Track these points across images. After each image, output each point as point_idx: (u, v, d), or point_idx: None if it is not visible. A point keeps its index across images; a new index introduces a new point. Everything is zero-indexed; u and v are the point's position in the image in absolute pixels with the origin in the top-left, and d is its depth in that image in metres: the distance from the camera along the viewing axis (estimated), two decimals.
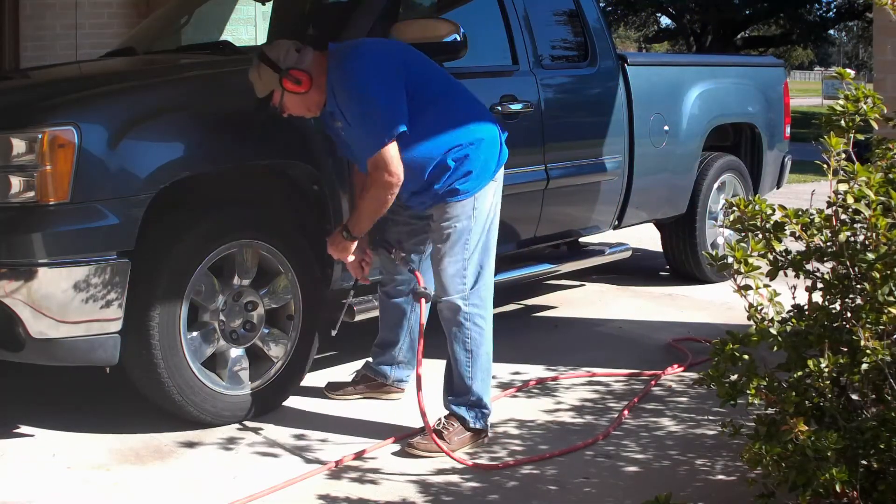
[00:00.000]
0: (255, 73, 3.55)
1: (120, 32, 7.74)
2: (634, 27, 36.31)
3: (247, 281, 3.89)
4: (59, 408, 4.03)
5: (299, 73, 3.48)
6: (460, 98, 3.69)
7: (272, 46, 3.57)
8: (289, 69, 3.48)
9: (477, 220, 3.61)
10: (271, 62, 3.50)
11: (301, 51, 3.52)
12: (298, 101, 3.54)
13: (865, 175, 2.67)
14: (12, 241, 3.41)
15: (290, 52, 3.51)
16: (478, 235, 3.62)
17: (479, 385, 3.65)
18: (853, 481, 2.44)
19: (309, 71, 3.50)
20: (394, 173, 3.43)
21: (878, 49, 4.48)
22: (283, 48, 3.52)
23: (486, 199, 3.63)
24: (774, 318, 2.67)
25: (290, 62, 3.49)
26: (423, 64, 3.64)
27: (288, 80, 3.48)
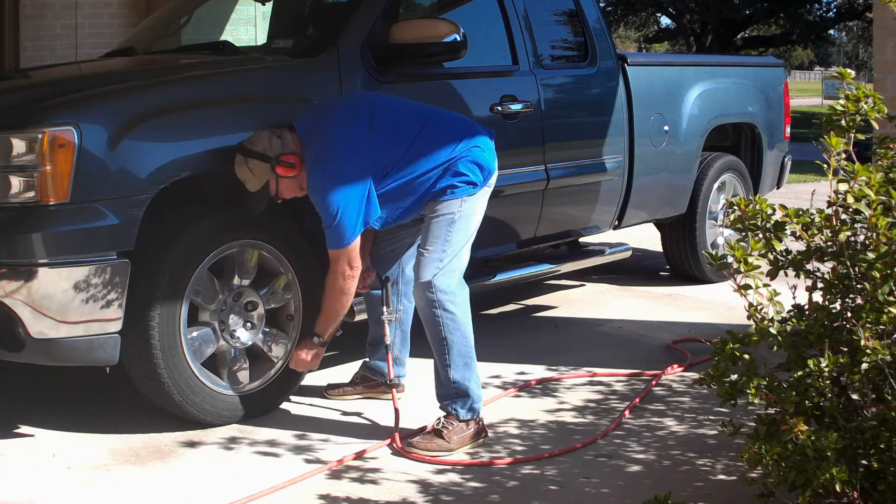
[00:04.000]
0: (244, 170, 3.61)
1: (120, 32, 7.74)
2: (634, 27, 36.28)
3: (247, 281, 3.89)
4: (59, 408, 4.03)
5: (290, 157, 3.58)
6: (439, 125, 3.74)
7: (252, 140, 3.63)
8: (278, 156, 3.56)
9: (462, 219, 3.66)
10: (259, 154, 3.57)
11: (281, 136, 3.61)
12: (293, 183, 3.63)
13: (866, 175, 2.67)
14: (12, 241, 3.41)
15: (273, 140, 3.60)
16: (459, 238, 3.66)
17: (460, 373, 3.64)
18: (853, 481, 2.45)
19: (296, 152, 3.59)
20: (353, 267, 3.60)
21: (878, 49, 4.47)
22: (264, 138, 3.61)
23: (475, 203, 3.70)
24: (774, 318, 2.67)
25: (277, 149, 3.58)
26: (393, 117, 3.70)
27: (281, 167, 3.57)
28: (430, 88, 4.47)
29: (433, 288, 3.59)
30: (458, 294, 3.66)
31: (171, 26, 5.57)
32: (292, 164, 3.57)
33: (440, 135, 3.71)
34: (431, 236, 3.65)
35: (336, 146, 3.59)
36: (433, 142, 3.68)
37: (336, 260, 3.60)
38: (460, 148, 3.68)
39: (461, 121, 3.89)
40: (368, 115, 3.67)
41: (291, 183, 3.62)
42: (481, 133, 3.79)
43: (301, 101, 4.00)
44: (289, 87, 4.13)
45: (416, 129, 3.69)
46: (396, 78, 4.31)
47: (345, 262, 3.59)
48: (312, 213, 3.66)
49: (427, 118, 3.74)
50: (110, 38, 7.38)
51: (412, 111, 3.78)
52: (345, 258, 3.59)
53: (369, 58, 4.23)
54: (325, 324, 3.76)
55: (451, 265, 3.64)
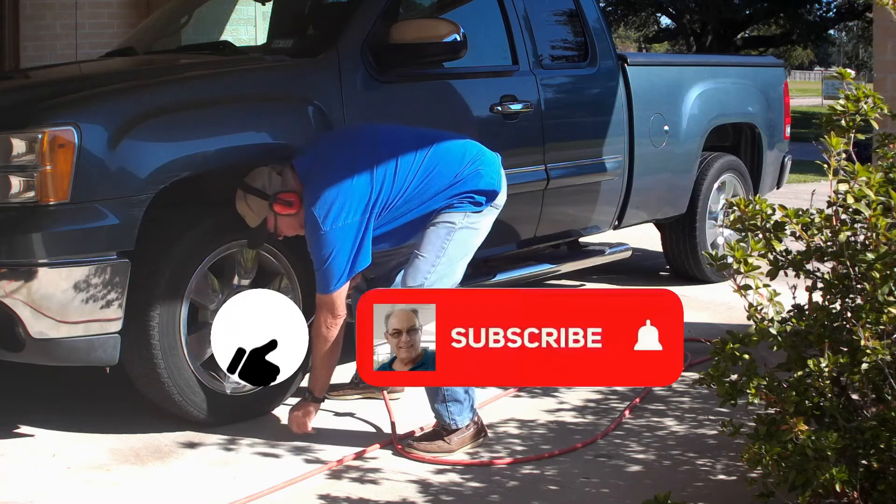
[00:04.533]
0: (243, 206, 3.60)
1: (120, 32, 7.74)
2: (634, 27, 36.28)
3: (247, 281, 3.89)
4: (59, 408, 4.03)
5: (288, 196, 3.55)
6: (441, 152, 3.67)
7: (253, 176, 3.61)
8: (276, 194, 3.54)
9: (463, 231, 3.61)
10: (258, 191, 3.56)
11: (282, 173, 3.58)
12: (292, 221, 3.60)
13: (865, 175, 2.67)
14: (12, 241, 3.41)
15: (273, 177, 3.57)
16: (455, 251, 3.61)
17: None
18: (853, 481, 2.45)
19: (295, 191, 3.55)
20: (336, 315, 3.53)
21: (878, 49, 4.48)
22: (264, 175, 3.58)
23: (480, 220, 3.66)
24: (774, 318, 2.67)
25: (276, 187, 3.56)
26: (391, 144, 3.65)
27: (279, 205, 3.55)
28: (430, 88, 4.48)
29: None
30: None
31: (171, 26, 5.57)
32: (290, 202, 3.55)
33: (442, 163, 3.65)
34: (427, 241, 3.60)
35: (334, 185, 3.52)
36: (435, 172, 3.62)
37: (319, 308, 3.55)
38: (464, 173, 3.64)
39: (463, 144, 3.78)
40: (368, 150, 3.62)
41: (290, 221, 3.60)
42: (485, 154, 3.74)
43: (301, 101, 4.00)
44: (289, 87, 4.13)
45: (419, 160, 3.62)
46: (396, 78, 4.32)
47: (327, 311, 3.53)
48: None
49: (428, 147, 3.67)
50: (110, 38, 7.38)
51: (412, 141, 3.69)
52: (327, 307, 3.52)
53: (369, 58, 4.23)
54: (315, 378, 3.67)
55: (441, 280, 3.58)
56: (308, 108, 4.01)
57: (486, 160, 3.73)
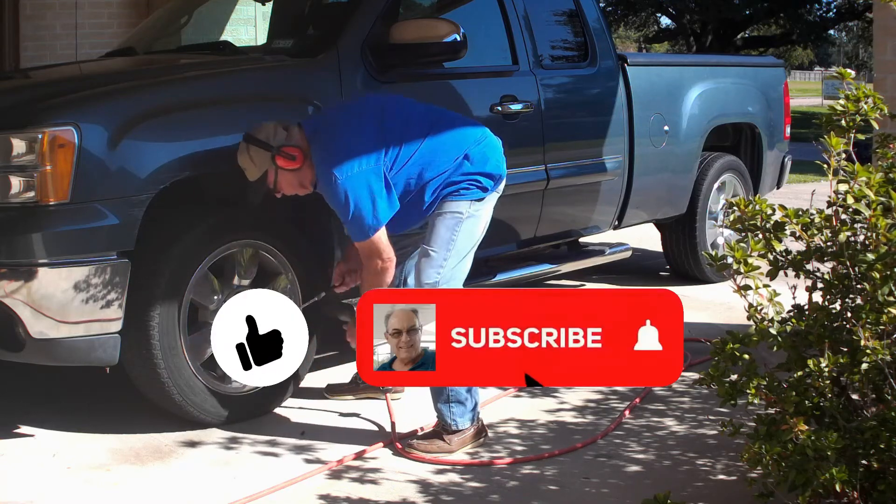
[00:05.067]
0: (245, 157, 3.56)
1: (120, 32, 7.74)
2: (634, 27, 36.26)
3: (247, 281, 3.89)
4: (59, 408, 4.03)
5: (292, 150, 3.52)
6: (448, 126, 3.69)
7: (258, 129, 3.58)
8: (280, 146, 3.51)
9: (470, 220, 3.62)
10: (261, 142, 3.52)
11: (287, 129, 3.56)
12: (292, 178, 3.57)
13: (865, 175, 2.67)
14: (12, 241, 3.41)
15: (279, 131, 3.54)
16: (464, 240, 3.62)
17: None
18: (853, 481, 2.45)
19: (300, 147, 3.53)
20: (386, 259, 3.53)
21: (878, 49, 4.48)
22: (270, 129, 3.56)
23: (483, 207, 3.66)
24: (774, 318, 2.67)
25: (280, 140, 3.52)
26: (403, 117, 3.65)
27: (281, 158, 3.51)
28: (430, 88, 4.47)
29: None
30: None
31: (171, 26, 5.57)
32: (293, 156, 3.51)
33: (450, 136, 3.67)
34: (436, 235, 3.60)
35: (345, 139, 3.54)
36: (443, 143, 3.63)
37: (367, 256, 3.53)
38: (470, 150, 3.64)
39: (470, 123, 3.84)
40: (377, 113, 3.63)
41: (291, 177, 3.57)
42: (491, 137, 3.75)
43: (301, 101, 4.00)
44: (289, 87, 4.13)
45: (426, 129, 3.63)
46: (396, 78, 4.31)
47: (375, 256, 3.51)
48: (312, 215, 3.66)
49: (436, 118, 3.71)
50: (110, 38, 7.38)
51: (421, 111, 3.73)
52: (373, 253, 3.51)
53: (369, 58, 4.23)
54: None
55: (454, 273, 3.60)
56: (308, 109, 4.01)
57: (493, 143, 3.74)
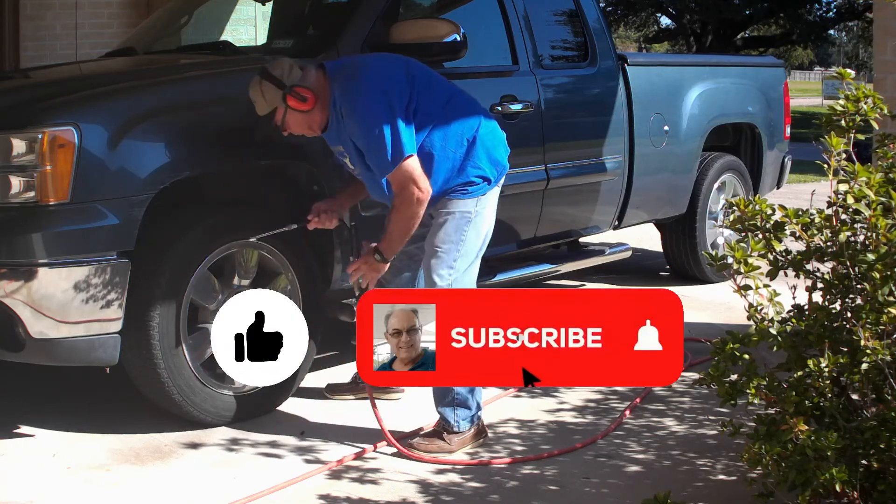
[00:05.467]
0: (257, 91, 3.51)
1: (120, 32, 7.74)
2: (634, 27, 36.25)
3: (247, 281, 3.89)
4: (59, 408, 4.03)
5: (304, 91, 3.46)
6: (465, 99, 3.68)
7: (275, 64, 3.53)
8: (293, 86, 3.45)
9: (477, 222, 3.60)
10: (275, 79, 3.47)
11: (304, 69, 3.50)
12: (301, 119, 3.52)
13: (865, 175, 2.67)
14: (12, 241, 3.41)
15: (294, 70, 3.49)
16: (474, 238, 3.61)
17: None
18: (853, 481, 2.45)
19: (313, 89, 3.48)
20: (422, 188, 3.44)
21: (878, 49, 4.48)
22: (286, 66, 3.50)
23: (487, 202, 3.64)
24: (774, 318, 2.67)
25: (295, 79, 3.47)
26: (426, 75, 3.63)
27: (292, 98, 3.46)
28: None
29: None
30: None
31: (171, 26, 5.57)
32: (304, 97, 3.45)
33: (467, 107, 3.65)
34: (445, 233, 3.57)
35: (373, 71, 3.51)
36: (462, 110, 3.61)
37: (402, 186, 3.43)
38: (482, 128, 3.61)
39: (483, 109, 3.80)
40: (403, 63, 3.61)
41: (300, 118, 3.51)
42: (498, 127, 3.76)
43: None
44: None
45: (448, 93, 3.61)
46: None
47: (410, 184, 3.41)
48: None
49: (455, 89, 3.68)
50: (110, 38, 7.38)
51: (443, 79, 3.70)
52: (409, 181, 3.41)
53: None
54: (390, 245, 3.54)
55: (465, 276, 3.59)
56: None
57: (501, 132, 3.74)
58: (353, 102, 3.47)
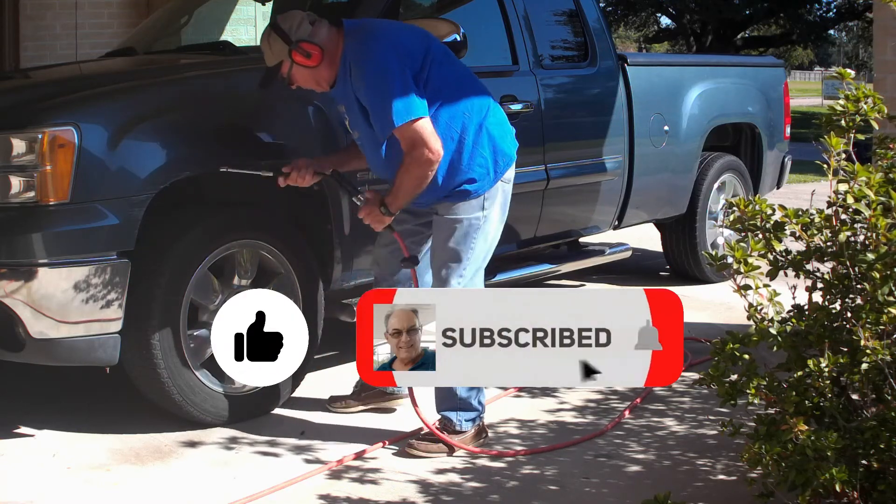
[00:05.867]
0: (265, 42, 3.48)
1: (120, 32, 7.74)
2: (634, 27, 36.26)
3: (247, 281, 3.89)
4: (59, 408, 4.03)
5: (310, 47, 3.41)
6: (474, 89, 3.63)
7: (286, 16, 3.49)
8: (299, 41, 3.41)
9: (485, 228, 3.59)
10: (283, 32, 3.43)
11: (315, 23, 3.46)
12: (308, 74, 3.48)
13: (865, 175, 2.67)
14: (12, 241, 3.41)
15: (304, 24, 3.45)
16: (482, 245, 3.59)
17: (467, 390, 3.60)
18: (853, 481, 2.45)
19: (321, 45, 3.43)
20: (433, 150, 3.37)
21: (878, 49, 4.48)
22: (296, 19, 3.46)
23: (495, 205, 3.61)
24: (774, 318, 2.67)
25: (303, 34, 3.43)
26: (443, 52, 3.58)
27: (298, 53, 3.41)
28: None
29: None
30: None
31: (171, 26, 5.57)
32: (309, 53, 3.41)
33: (478, 93, 3.60)
34: (455, 242, 3.55)
35: (389, 31, 3.49)
36: (472, 95, 3.56)
37: (412, 145, 3.36)
38: (490, 117, 3.58)
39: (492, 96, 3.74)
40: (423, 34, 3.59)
41: (306, 73, 3.47)
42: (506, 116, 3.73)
43: (301, 101, 4.00)
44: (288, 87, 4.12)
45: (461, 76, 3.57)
46: None
47: (422, 146, 3.34)
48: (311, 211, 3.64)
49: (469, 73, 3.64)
50: (110, 38, 7.38)
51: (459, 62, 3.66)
52: (420, 142, 3.34)
53: None
54: (396, 200, 3.46)
55: (474, 280, 3.58)
56: (308, 108, 4.01)
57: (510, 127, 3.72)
58: (364, 56, 3.42)
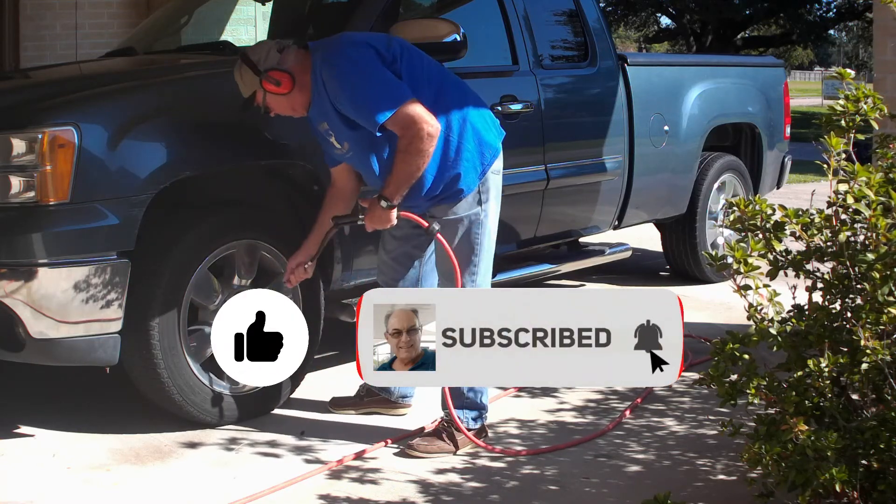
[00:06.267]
0: (237, 74, 3.54)
1: (120, 32, 7.74)
2: (634, 27, 36.26)
3: (247, 281, 3.89)
4: (59, 408, 4.03)
5: (279, 75, 3.45)
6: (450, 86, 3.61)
7: (254, 47, 3.55)
8: (268, 70, 3.45)
9: (485, 223, 3.59)
10: (252, 63, 3.48)
11: (284, 51, 3.49)
12: (281, 101, 3.51)
13: (865, 175, 2.67)
14: (12, 241, 3.41)
15: (272, 53, 3.48)
16: (486, 239, 3.60)
17: (473, 386, 3.61)
18: (853, 481, 2.45)
19: (290, 71, 3.46)
20: (430, 122, 3.34)
21: (878, 49, 4.48)
22: (264, 49, 3.50)
23: (491, 193, 3.61)
24: (774, 318, 2.67)
25: (271, 63, 3.46)
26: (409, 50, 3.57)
27: (268, 82, 3.45)
28: None
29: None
30: None
31: (171, 26, 5.57)
32: (279, 81, 3.44)
33: (455, 89, 3.61)
34: (458, 243, 3.55)
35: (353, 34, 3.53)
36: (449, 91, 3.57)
37: (407, 125, 3.32)
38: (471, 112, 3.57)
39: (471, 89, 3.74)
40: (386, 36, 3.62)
41: (280, 101, 3.50)
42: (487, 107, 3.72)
43: None
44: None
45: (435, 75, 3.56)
46: None
47: (419, 122, 3.30)
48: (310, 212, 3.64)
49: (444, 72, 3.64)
50: (110, 38, 7.38)
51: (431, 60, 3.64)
52: (415, 120, 3.31)
53: None
54: (397, 188, 3.41)
55: (486, 277, 3.60)
56: None
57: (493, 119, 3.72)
58: (334, 64, 3.44)
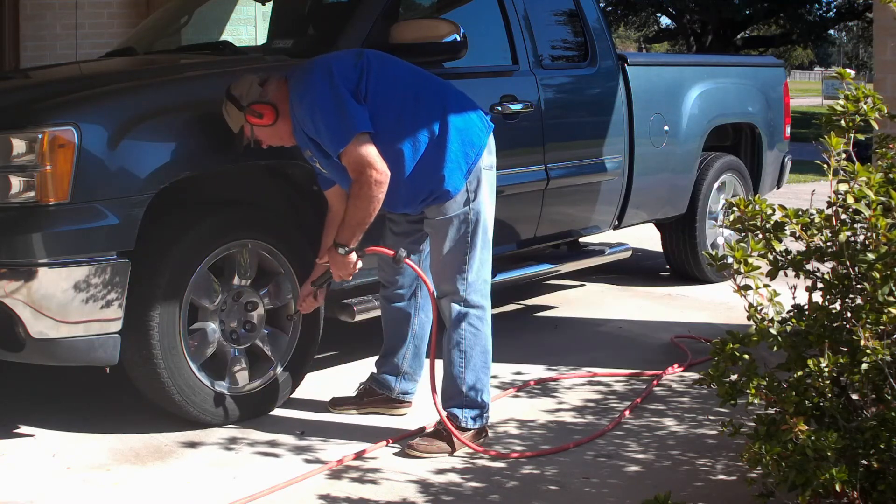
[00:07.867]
0: (224, 111, 3.59)
1: (120, 32, 7.74)
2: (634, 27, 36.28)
3: (246, 281, 3.89)
4: (59, 408, 4.03)
5: (261, 107, 3.49)
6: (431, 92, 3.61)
7: (237, 83, 3.58)
8: (250, 104, 3.49)
9: (474, 212, 3.58)
10: (235, 99, 3.53)
11: (265, 83, 3.54)
12: (269, 132, 3.56)
13: (865, 175, 2.67)
14: (12, 241, 3.41)
15: (253, 87, 3.53)
16: (478, 235, 3.60)
17: (472, 385, 3.62)
18: (853, 481, 2.45)
19: (272, 102, 3.50)
20: (379, 170, 3.37)
21: (878, 49, 4.48)
22: (246, 84, 3.55)
23: (481, 190, 3.60)
24: (774, 318, 2.67)
25: (253, 97, 3.51)
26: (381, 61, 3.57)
27: (251, 116, 3.50)
28: None
29: (463, 301, 3.59)
30: (486, 308, 3.65)
31: (171, 26, 5.57)
32: (261, 114, 3.48)
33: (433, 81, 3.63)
34: (449, 241, 3.56)
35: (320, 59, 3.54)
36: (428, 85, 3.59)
37: (357, 170, 3.36)
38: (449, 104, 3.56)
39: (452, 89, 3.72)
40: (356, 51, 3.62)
41: (267, 132, 3.55)
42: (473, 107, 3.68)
43: None
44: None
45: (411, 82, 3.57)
46: None
47: (367, 168, 3.34)
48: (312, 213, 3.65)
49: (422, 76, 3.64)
50: (110, 38, 7.38)
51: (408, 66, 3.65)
52: (364, 164, 3.34)
53: None
54: (349, 232, 3.45)
55: (479, 275, 3.60)
56: None
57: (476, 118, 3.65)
58: (299, 88, 3.48)
